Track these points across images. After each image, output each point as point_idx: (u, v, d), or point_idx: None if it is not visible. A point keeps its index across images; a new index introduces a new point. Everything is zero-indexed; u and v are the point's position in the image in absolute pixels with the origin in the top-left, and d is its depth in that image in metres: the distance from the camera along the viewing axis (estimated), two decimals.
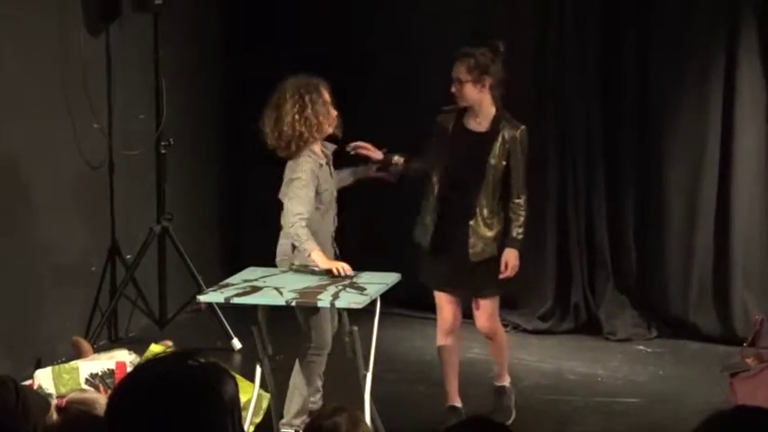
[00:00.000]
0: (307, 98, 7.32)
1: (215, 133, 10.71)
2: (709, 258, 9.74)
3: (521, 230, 7.63)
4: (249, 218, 10.68)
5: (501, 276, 7.62)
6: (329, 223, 7.52)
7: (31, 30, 8.60)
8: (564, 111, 10.01)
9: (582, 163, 9.98)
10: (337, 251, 7.59)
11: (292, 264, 7.37)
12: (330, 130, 7.45)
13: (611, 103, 9.79)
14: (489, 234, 7.64)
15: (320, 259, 7.16)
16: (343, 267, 7.20)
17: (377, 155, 7.75)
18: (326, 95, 7.39)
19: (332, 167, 7.54)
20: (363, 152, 7.76)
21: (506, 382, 7.98)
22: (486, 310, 7.85)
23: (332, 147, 7.61)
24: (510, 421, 7.67)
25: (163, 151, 9.51)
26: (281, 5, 10.57)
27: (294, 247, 7.32)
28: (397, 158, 7.77)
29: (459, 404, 7.88)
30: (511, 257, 7.60)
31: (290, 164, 7.38)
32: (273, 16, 10.56)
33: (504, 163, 7.60)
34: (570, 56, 9.96)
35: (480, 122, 7.72)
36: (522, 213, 7.63)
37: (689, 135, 9.71)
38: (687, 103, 9.70)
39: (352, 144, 7.71)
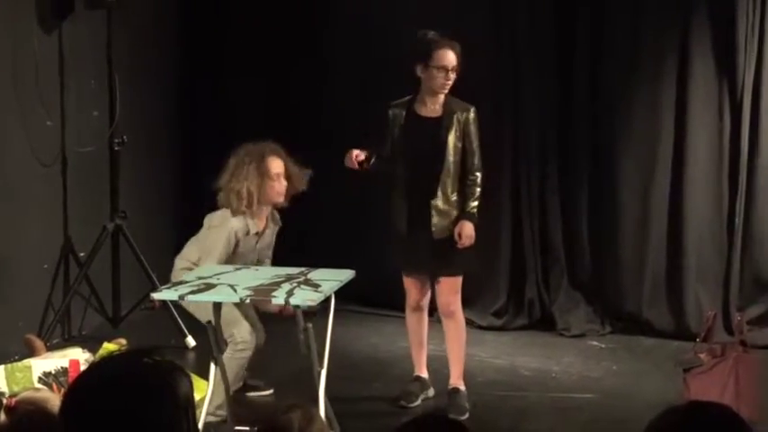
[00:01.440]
0: (243, 170, 7.55)
1: (169, 131, 10.69)
2: (662, 255, 9.80)
3: (475, 204, 7.82)
4: (203, 216, 10.66)
5: (459, 246, 7.74)
6: (246, 261, 7.64)
7: None
8: (518, 110, 10.04)
9: (536, 161, 10.02)
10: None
11: None
12: (270, 203, 7.55)
13: (564, 101, 9.83)
14: (453, 212, 7.82)
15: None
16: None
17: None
18: (273, 166, 7.58)
19: (265, 239, 7.72)
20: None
21: (460, 384, 8.00)
22: (446, 287, 7.97)
23: (278, 222, 7.86)
24: (463, 418, 7.70)
25: (116, 148, 9.48)
26: (237, 4, 10.56)
27: None
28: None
29: (424, 375, 8.13)
30: (465, 228, 7.75)
31: (223, 210, 7.55)
32: (229, 14, 10.55)
33: (460, 144, 7.82)
34: (524, 56, 10.00)
35: (435, 109, 7.89)
36: (478, 189, 7.84)
37: (642, 133, 9.76)
38: (640, 102, 9.75)
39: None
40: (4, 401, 4.36)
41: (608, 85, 9.81)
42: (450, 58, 7.84)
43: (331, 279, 7.17)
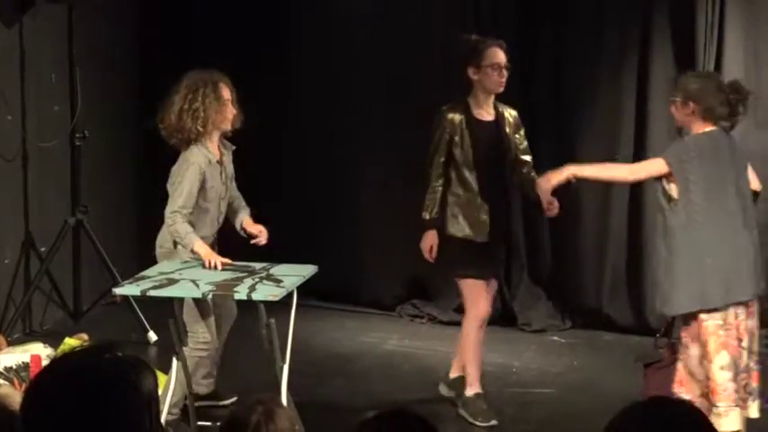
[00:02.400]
0: (200, 92, 7.37)
1: (131, 126, 10.65)
2: (622, 250, 9.85)
3: None
4: (163, 211, 10.65)
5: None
6: (212, 223, 7.56)
7: None
8: None
9: None
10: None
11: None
12: (223, 128, 7.49)
13: (528, 101, 9.83)
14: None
15: (205, 254, 7.23)
16: (220, 262, 7.21)
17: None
18: (224, 92, 7.44)
19: (227, 168, 7.57)
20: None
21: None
22: None
23: (231, 146, 7.65)
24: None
25: (78, 143, 9.48)
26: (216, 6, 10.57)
27: (176, 243, 7.37)
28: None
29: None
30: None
31: (181, 156, 7.43)
32: (190, 9, 10.53)
33: (516, 142, 7.92)
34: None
35: (489, 111, 7.89)
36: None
37: (603, 131, 9.81)
38: (601, 101, 9.80)
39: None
40: None
41: (570, 85, 9.86)
42: (501, 55, 7.78)
43: (293, 275, 7.19)
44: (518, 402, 7.99)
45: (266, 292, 6.83)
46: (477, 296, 7.81)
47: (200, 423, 7.08)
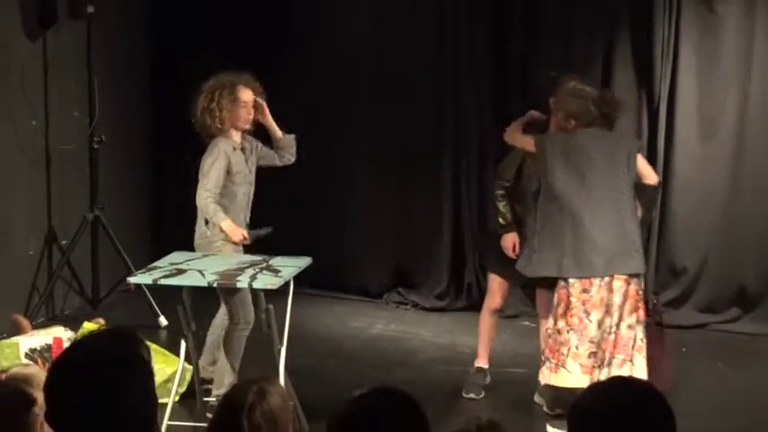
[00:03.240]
0: (216, 93, 7.40)
1: (144, 130, 10.66)
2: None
3: None
4: (173, 207, 10.65)
5: None
6: (241, 206, 7.56)
7: None
8: (459, 111, 10.07)
9: (474, 161, 10.05)
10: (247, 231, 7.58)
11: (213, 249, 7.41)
12: (239, 126, 7.49)
13: (500, 104, 9.83)
14: None
15: (230, 229, 7.29)
16: (243, 234, 7.34)
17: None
18: (242, 94, 7.45)
19: (251, 157, 7.58)
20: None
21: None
22: None
23: (255, 141, 7.67)
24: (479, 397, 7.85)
25: (96, 146, 9.48)
26: (207, 12, 10.52)
27: (207, 224, 7.38)
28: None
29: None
30: None
31: (210, 145, 7.47)
32: (197, 24, 10.51)
33: None
34: (464, 65, 10.02)
35: None
36: None
37: None
38: None
39: None
40: None
41: (539, 93, 9.83)
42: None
43: (290, 266, 7.19)
44: (493, 381, 7.97)
45: (266, 281, 6.84)
46: (495, 290, 7.94)
47: (205, 399, 7.08)
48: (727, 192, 9.61)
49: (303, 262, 7.36)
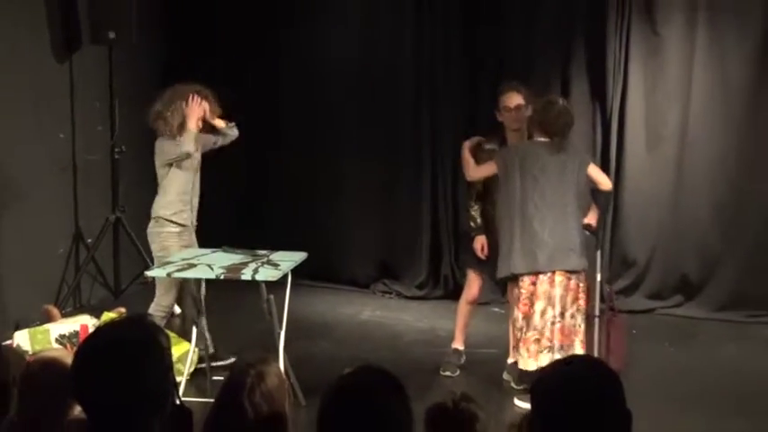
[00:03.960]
0: (174, 103, 7.49)
1: None
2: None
3: None
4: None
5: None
6: (189, 188, 7.65)
7: (8, 58, 8.51)
8: (435, 118, 10.07)
9: (449, 170, 10.03)
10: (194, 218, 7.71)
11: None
12: (188, 128, 7.49)
13: (473, 111, 9.81)
14: None
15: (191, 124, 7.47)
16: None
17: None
18: (193, 106, 7.50)
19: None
20: None
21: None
22: None
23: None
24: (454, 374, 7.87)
25: (117, 156, 9.48)
26: (214, 38, 10.52)
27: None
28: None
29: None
30: None
31: (156, 144, 7.64)
32: (207, 47, 10.51)
33: None
34: (441, 79, 10.02)
35: None
36: None
37: None
38: None
39: None
40: (28, 358, 4.35)
41: None
42: (509, 99, 7.56)
43: (288, 260, 7.19)
44: (468, 360, 7.97)
45: (267, 274, 6.83)
46: (472, 284, 7.95)
47: (214, 378, 7.09)
48: (671, 193, 9.64)
49: (299, 257, 7.35)
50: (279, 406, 4.08)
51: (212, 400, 4.23)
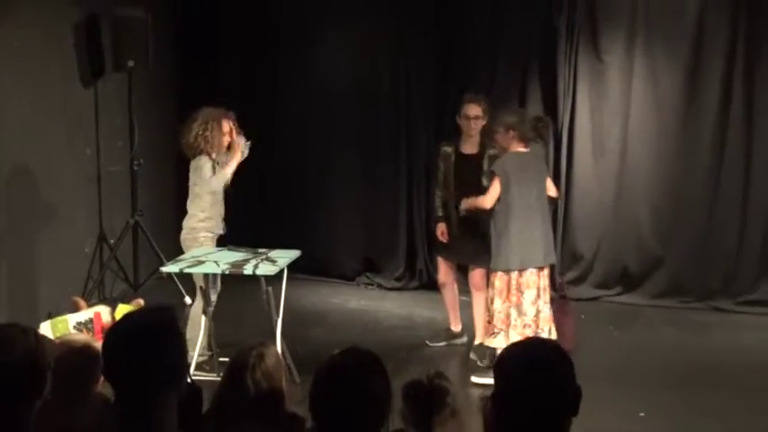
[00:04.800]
0: (210, 124, 7.37)
1: (172, 154, 10.58)
2: None
3: None
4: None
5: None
6: (221, 205, 7.54)
7: (41, 84, 8.49)
8: (410, 122, 10.06)
9: (423, 178, 9.98)
10: (224, 226, 7.59)
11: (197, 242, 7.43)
12: (220, 151, 7.43)
13: (441, 119, 9.80)
14: None
15: (235, 159, 7.38)
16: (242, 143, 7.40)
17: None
18: (225, 126, 7.42)
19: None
20: None
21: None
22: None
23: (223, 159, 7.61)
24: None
25: (135, 168, 9.43)
26: (222, 64, 10.52)
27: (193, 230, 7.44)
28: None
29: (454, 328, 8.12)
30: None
31: (192, 162, 7.44)
32: (216, 71, 10.50)
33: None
34: (414, 93, 10.01)
35: (472, 147, 7.69)
36: None
37: None
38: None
39: None
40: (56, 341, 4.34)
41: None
42: (470, 109, 7.60)
43: (284, 257, 7.19)
44: (434, 345, 7.99)
45: (266, 269, 6.84)
46: (439, 267, 8.03)
47: (220, 359, 7.08)
48: (613, 197, 9.67)
49: (294, 254, 7.35)
50: (277, 383, 4.09)
51: (219, 378, 4.23)
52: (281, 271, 7.06)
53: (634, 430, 6.50)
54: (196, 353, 7.10)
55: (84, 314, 7.45)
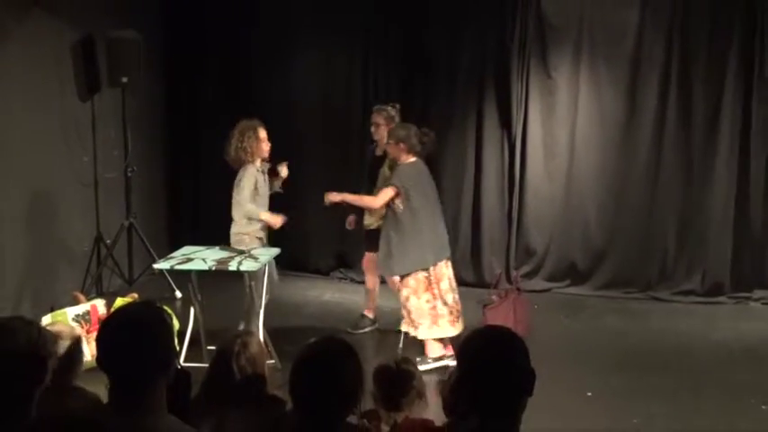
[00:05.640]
0: (246, 135, 7.30)
1: (162, 163, 10.59)
2: (467, 234, 9.90)
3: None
4: (185, 218, 10.60)
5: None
6: (265, 207, 7.49)
7: (42, 99, 8.43)
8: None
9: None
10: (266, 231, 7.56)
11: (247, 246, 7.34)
12: (262, 156, 7.39)
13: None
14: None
15: (268, 218, 7.31)
16: (280, 220, 7.37)
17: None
18: (261, 134, 7.36)
19: (266, 177, 7.52)
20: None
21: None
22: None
23: (267, 166, 7.57)
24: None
25: (129, 174, 9.40)
26: (205, 82, 10.47)
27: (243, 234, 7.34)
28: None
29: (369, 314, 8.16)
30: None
31: (240, 171, 7.36)
32: (199, 88, 10.47)
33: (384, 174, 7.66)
34: (381, 102, 9.99)
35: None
36: None
37: (455, 158, 9.84)
38: (453, 139, 9.83)
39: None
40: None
41: (433, 124, 9.67)
42: (374, 119, 7.87)
43: (265, 254, 7.17)
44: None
45: (249, 266, 6.81)
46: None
47: (208, 348, 7.06)
48: (562, 198, 9.71)
49: (274, 251, 7.33)
50: (260, 368, 4.08)
51: (207, 365, 4.21)
52: (263, 266, 7.03)
53: (582, 408, 6.52)
54: (186, 341, 7.04)
55: (82, 307, 7.41)
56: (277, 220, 7.36)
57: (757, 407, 6.58)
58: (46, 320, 7.18)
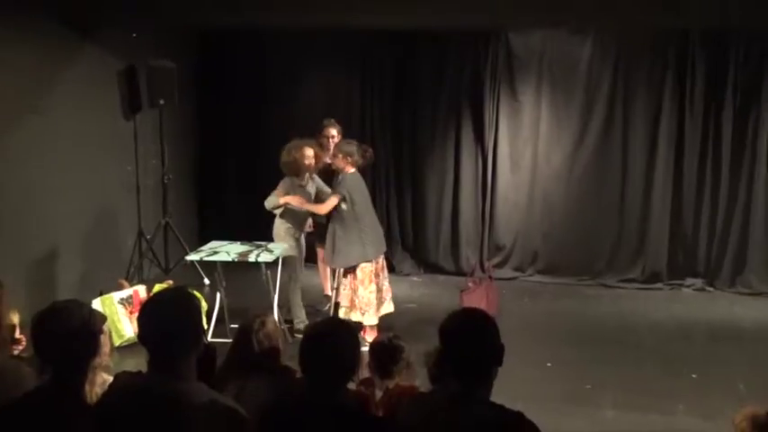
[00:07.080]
0: (292, 153, 7.22)
1: (194, 171, 10.55)
2: (447, 230, 9.86)
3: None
4: (213, 217, 10.56)
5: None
6: (304, 216, 7.45)
7: (92, 119, 8.41)
8: (373, 145, 9.96)
9: (382, 170, 9.91)
10: (306, 227, 7.54)
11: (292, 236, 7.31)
12: (307, 171, 7.30)
13: (395, 145, 9.81)
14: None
15: (288, 199, 7.17)
16: (298, 200, 7.20)
17: None
18: (307, 152, 7.24)
19: (314, 183, 7.44)
20: None
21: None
22: None
23: (318, 181, 7.53)
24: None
25: (165, 181, 9.39)
26: (230, 100, 10.43)
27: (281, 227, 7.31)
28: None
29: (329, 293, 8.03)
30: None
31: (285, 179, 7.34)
32: (225, 106, 10.42)
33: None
34: (375, 119, 9.95)
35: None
36: None
37: (437, 166, 9.81)
38: (437, 151, 9.80)
39: None
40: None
41: (419, 140, 9.79)
42: (329, 131, 7.77)
43: (280, 248, 7.16)
44: (397, 312, 7.77)
45: (266, 257, 6.81)
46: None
47: (231, 326, 7.03)
48: (526, 201, 9.69)
49: (287, 247, 7.30)
50: (275, 342, 4.08)
51: (230, 341, 4.20)
52: (278, 259, 7.01)
53: (543, 376, 6.52)
54: (213, 321, 7.01)
55: (126, 292, 7.40)
56: (294, 200, 7.21)
57: (688, 375, 6.61)
58: (96, 303, 7.15)
